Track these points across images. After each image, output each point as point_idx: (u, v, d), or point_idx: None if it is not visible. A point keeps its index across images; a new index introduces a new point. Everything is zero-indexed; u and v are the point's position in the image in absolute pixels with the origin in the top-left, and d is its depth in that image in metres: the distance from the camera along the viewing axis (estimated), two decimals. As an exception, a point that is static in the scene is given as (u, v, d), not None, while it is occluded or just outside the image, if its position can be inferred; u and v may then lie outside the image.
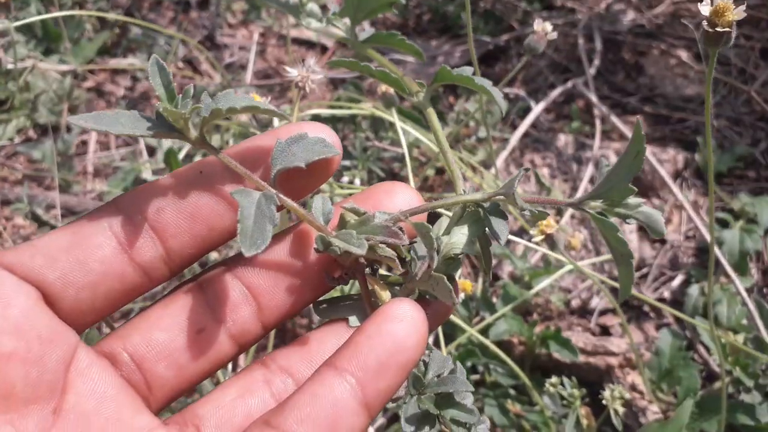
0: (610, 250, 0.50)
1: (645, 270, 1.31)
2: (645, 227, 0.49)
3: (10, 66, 1.50)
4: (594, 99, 1.52)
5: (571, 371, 1.12)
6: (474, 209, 0.51)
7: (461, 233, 0.50)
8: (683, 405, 0.93)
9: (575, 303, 1.26)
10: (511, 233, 1.15)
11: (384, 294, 0.49)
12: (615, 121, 1.45)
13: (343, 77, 1.70)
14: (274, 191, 0.45)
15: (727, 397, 0.97)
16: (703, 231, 1.23)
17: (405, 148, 1.02)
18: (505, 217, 0.50)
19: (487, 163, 1.41)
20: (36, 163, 1.57)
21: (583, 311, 1.27)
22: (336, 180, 1.20)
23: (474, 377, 1.12)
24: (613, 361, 1.11)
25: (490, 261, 0.53)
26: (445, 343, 1.04)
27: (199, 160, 0.49)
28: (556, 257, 1.01)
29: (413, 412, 0.49)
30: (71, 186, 1.49)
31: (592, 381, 1.12)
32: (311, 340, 0.49)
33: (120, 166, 1.51)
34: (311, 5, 0.68)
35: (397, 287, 0.51)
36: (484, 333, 1.09)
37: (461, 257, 0.50)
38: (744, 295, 1.11)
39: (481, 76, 0.59)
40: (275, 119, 0.98)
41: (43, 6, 1.73)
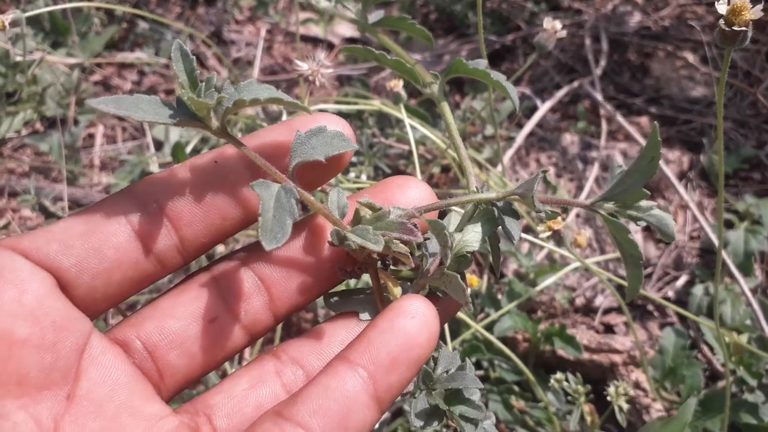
0: (619, 251, 0.50)
1: (649, 270, 1.32)
2: (656, 230, 0.49)
3: (18, 58, 1.50)
4: (600, 99, 1.53)
5: (575, 368, 1.12)
6: (487, 207, 0.51)
7: (475, 231, 0.50)
8: (686, 403, 0.93)
9: (580, 301, 1.27)
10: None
11: (396, 289, 0.49)
12: (621, 122, 1.46)
13: (350, 74, 1.71)
14: (293, 184, 0.45)
15: (731, 397, 0.97)
16: (708, 231, 1.24)
17: (413, 144, 1.03)
18: (518, 217, 0.50)
19: (493, 161, 1.41)
20: (43, 156, 1.57)
21: (588, 309, 1.27)
22: (343, 175, 1.20)
23: (478, 373, 1.12)
24: (617, 359, 1.11)
25: (499, 259, 0.53)
26: (451, 339, 1.04)
27: (214, 149, 0.50)
28: (561, 254, 1.01)
29: (422, 407, 0.50)
30: (78, 178, 1.50)
31: (595, 378, 1.13)
32: (322, 332, 0.50)
33: (127, 159, 1.51)
34: None
35: (408, 283, 0.51)
36: (488, 329, 1.10)
37: (471, 255, 0.50)
38: (748, 296, 1.11)
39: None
40: (284, 113, 0.99)
41: (52, 0, 1.74)
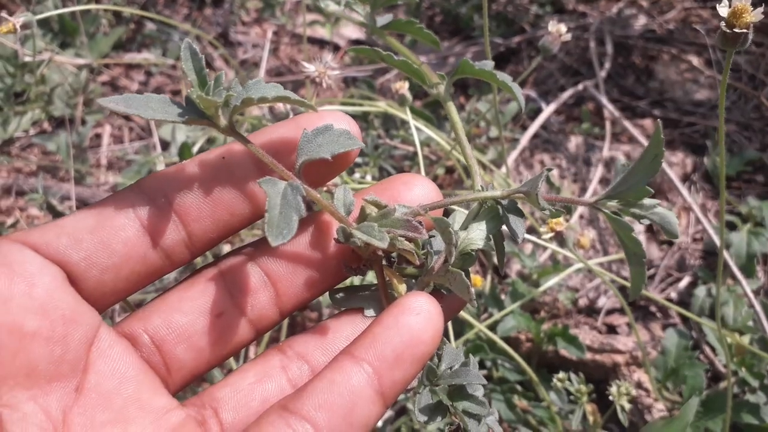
0: (623, 249, 0.51)
1: (652, 271, 1.32)
2: (659, 228, 0.49)
3: (27, 59, 1.52)
4: (604, 101, 1.53)
5: (578, 368, 1.13)
6: (491, 205, 0.51)
7: (479, 229, 0.50)
8: (688, 403, 0.93)
9: (583, 302, 1.27)
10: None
11: (401, 286, 0.50)
12: (625, 124, 1.46)
13: (356, 76, 1.72)
14: (299, 182, 0.46)
15: (732, 397, 0.98)
16: (711, 233, 1.24)
17: (418, 145, 1.03)
18: (523, 215, 0.50)
19: (498, 162, 1.42)
20: (51, 155, 1.58)
21: (591, 310, 1.28)
22: (348, 176, 1.21)
23: (482, 372, 1.13)
24: (620, 359, 1.12)
25: (503, 257, 0.54)
26: (454, 338, 1.05)
27: (222, 146, 0.50)
28: (564, 255, 1.02)
29: (426, 402, 0.50)
30: (85, 178, 1.51)
31: (598, 378, 1.13)
32: (327, 328, 0.50)
33: (133, 159, 1.53)
34: None
35: (413, 280, 0.51)
36: (492, 329, 1.10)
37: (476, 253, 0.51)
38: (751, 297, 1.12)
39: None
40: (291, 114, 0.99)
41: (61, 1, 1.76)
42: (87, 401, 0.44)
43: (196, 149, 1.32)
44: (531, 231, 1.27)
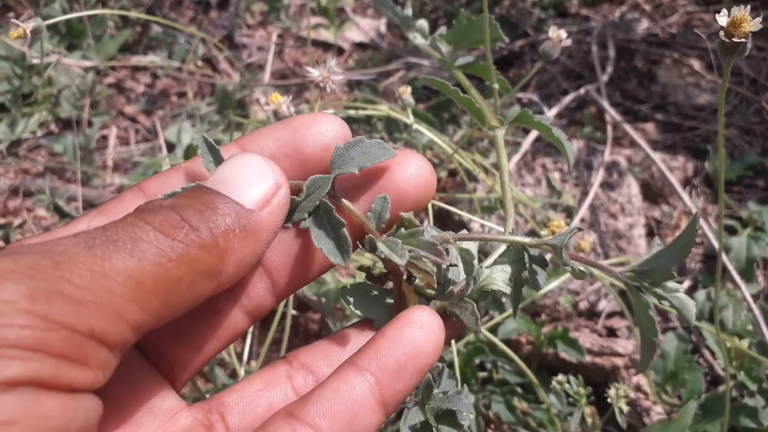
0: (638, 324, 0.53)
1: (653, 275, 1.33)
2: (677, 312, 0.51)
3: (35, 61, 1.54)
4: (606, 105, 1.54)
5: (578, 371, 1.14)
6: (519, 250, 0.52)
7: (503, 271, 0.51)
8: (687, 406, 0.95)
9: (583, 305, 1.28)
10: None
11: (413, 304, 0.51)
12: (626, 128, 1.47)
13: (360, 79, 1.73)
14: (332, 206, 0.47)
15: (731, 401, 0.99)
16: (711, 238, 1.25)
17: (420, 148, 1.05)
18: (546, 266, 0.51)
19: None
20: (57, 156, 1.60)
21: (591, 313, 1.29)
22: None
23: (482, 374, 1.14)
24: (619, 362, 1.13)
25: (518, 302, 0.55)
26: (455, 341, 1.06)
27: (232, 141, 0.51)
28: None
29: (413, 422, 0.51)
30: (91, 179, 1.53)
31: (597, 381, 1.14)
32: (333, 341, 0.51)
33: (139, 161, 1.54)
34: (421, 22, 0.73)
35: (428, 300, 0.52)
36: (493, 331, 1.12)
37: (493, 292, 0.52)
38: (750, 301, 1.13)
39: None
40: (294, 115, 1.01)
41: (67, 3, 1.77)
42: None
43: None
44: (532, 234, 1.28)
